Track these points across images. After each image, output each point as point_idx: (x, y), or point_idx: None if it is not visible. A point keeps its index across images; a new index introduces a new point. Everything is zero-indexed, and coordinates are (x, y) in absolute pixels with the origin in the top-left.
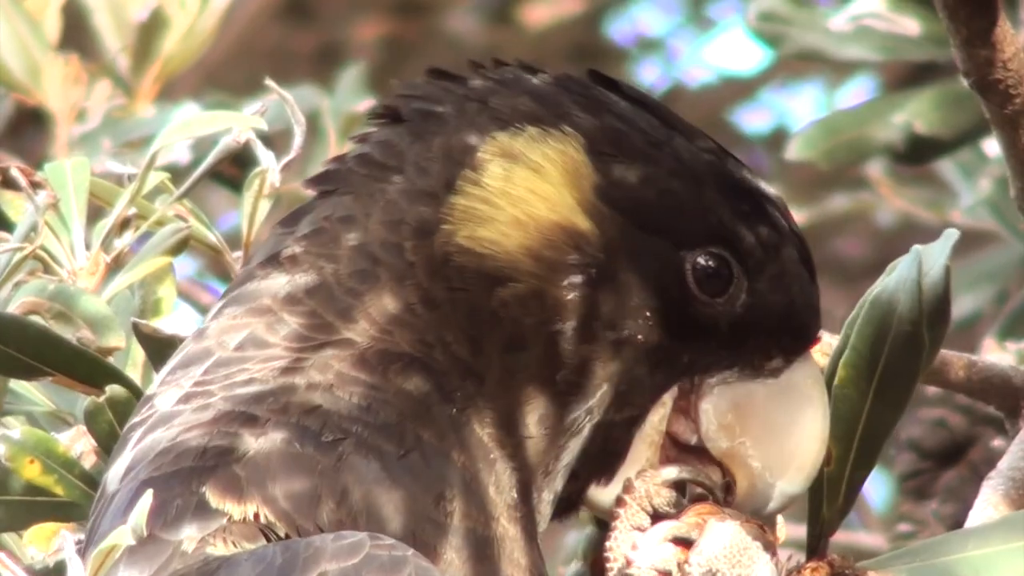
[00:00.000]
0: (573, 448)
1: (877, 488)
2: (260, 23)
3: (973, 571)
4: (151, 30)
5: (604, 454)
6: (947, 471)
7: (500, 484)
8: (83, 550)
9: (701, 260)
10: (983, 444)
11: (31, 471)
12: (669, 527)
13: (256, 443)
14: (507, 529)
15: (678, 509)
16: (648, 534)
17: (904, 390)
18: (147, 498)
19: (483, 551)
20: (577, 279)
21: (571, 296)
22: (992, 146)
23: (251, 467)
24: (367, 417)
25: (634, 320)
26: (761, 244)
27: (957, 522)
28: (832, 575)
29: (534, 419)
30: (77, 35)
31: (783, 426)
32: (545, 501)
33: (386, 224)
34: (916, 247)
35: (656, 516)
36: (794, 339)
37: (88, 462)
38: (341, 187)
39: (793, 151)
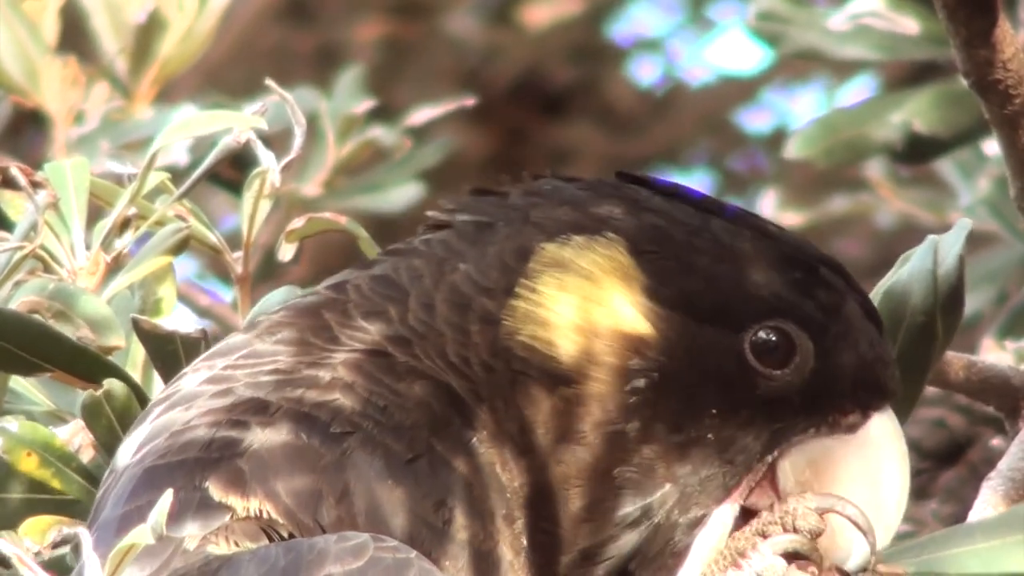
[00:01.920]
0: (625, 542)
1: None
2: (259, 24)
3: (981, 563)
4: (149, 32)
5: (663, 555)
6: (946, 471)
7: (510, 519)
8: (88, 525)
9: (760, 335)
10: (982, 444)
11: (28, 464)
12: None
13: (263, 434)
14: (505, 553)
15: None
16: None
17: (916, 380)
18: (167, 498)
19: (478, 564)
20: (640, 383)
21: (633, 400)
22: (991, 146)
23: (255, 460)
24: (380, 417)
25: (701, 419)
26: (820, 307)
27: (956, 522)
28: (843, 571)
29: (579, 503)
30: (75, 37)
31: (862, 481)
32: (567, 554)
33: (452, 304)
34: (931, 236)
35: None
36: (870, 393)
37: (86, 456)
38: (411, 255)
39: (792, 150)
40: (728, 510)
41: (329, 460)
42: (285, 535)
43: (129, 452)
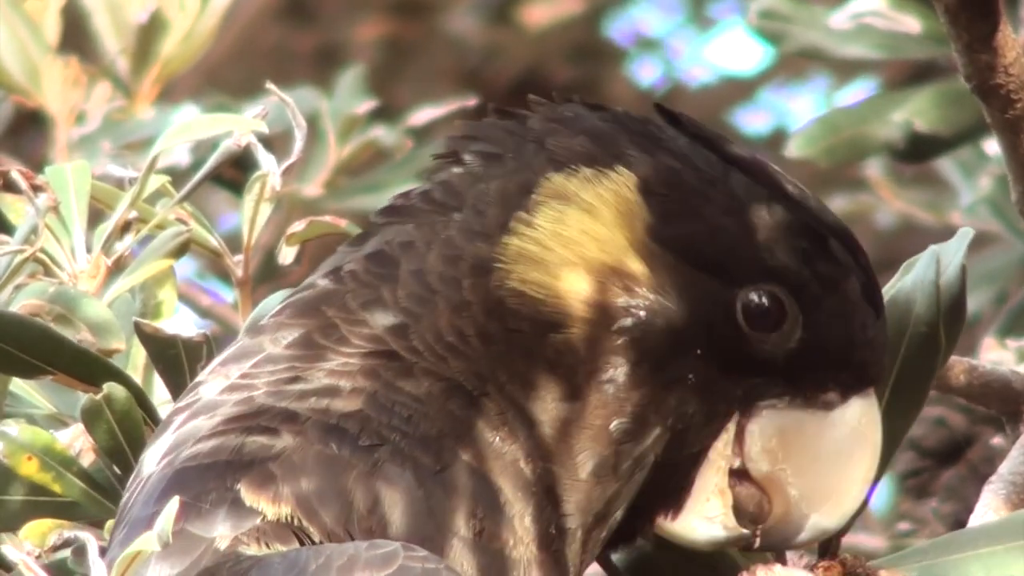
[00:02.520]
0: (628, 492)
1: (877, 488)
2: (260, 24)
3: (983, 569)
4: (150, 32)
5: (667, 489)
6: (947, 470)
7: (539, 515)
8: (113, 529)
9: (752, 297)
10: (983, 443)
11: (29, 468)
12: None
13: (294, 441)
14: (536, 555)
15: None
16: None
17: (919, 391)
18: (173, 504)
19: (513, 573)
20: (627, 322)
21: (621, 341)
22: (992, 145)
23: (287, 466)
24: (407, 428)
25: (685, 360)
26: (818, 279)
27: (957, 521)
28: (844, 574)
29: (587, 468)
30: (77, 37)
31: (827, 460)
32: (595, 539)
33: (445, 258)
34: (933, 247)
35: None
36: (851, 375)
37: (87, 460)
38: (404, 219)
39: (793, 149)
40: (733, 423)
41: (360, 471)
42: (316, 541)
43: (154, 460)
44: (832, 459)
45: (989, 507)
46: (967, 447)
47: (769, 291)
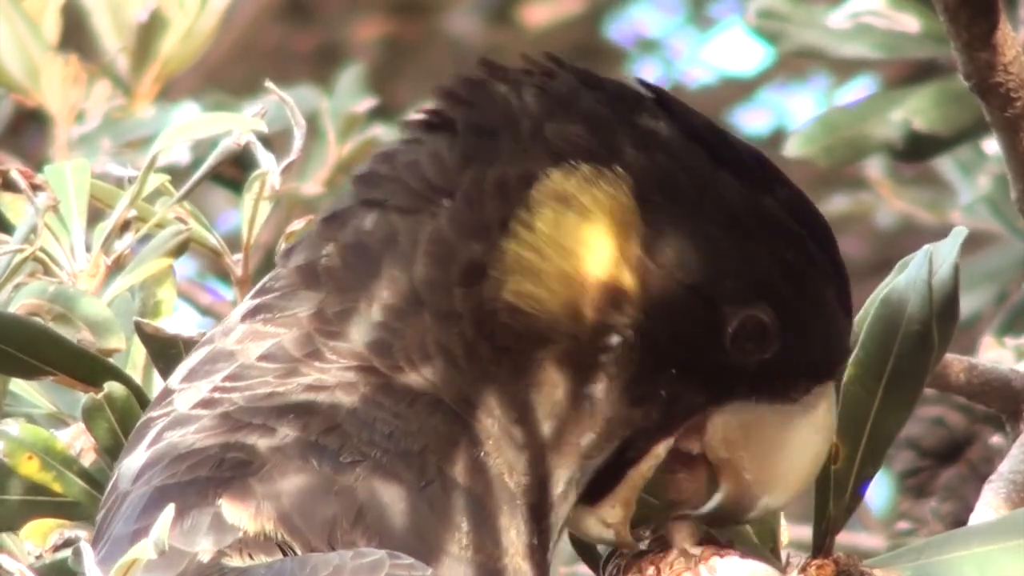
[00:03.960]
0: (580, 492)
1: (876, 488)
2: (260, 23)
3: (977, 568)
4: (150, 31)
5: (595, 485)
6: (946, 469)
7: (524, 528)
8: (93, 544)
9: (742, 321)
10: (982, 442)
11: (29, 467)
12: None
13: (274, 457)
14: (521, 566)
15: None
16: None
17: (912, 389)
18: (168, 512)
19: None
20: (614, 340)
21: (605, 358)
22: (991, 144)
23: (267, 481)
24: (388, 444)
25: (661, 377)
26: (802, 295)
27: (956, 520)
28: (837, 572)
29: (563, 483)
30: (76, 36)
31: (782, 447)
32: (552, 540)
33: (434, 258)
34: (927, 246)
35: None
36: (819, 375)
37: (87, 460)
38: (388, 198)
39: (792, 148)
40: (664, 446)
41: (342, 486)
42: (299, 552)
43: (130, 475)
44: (788, 447)
45: (989, 506)
46: (966, 447)
47: (758, 314)
